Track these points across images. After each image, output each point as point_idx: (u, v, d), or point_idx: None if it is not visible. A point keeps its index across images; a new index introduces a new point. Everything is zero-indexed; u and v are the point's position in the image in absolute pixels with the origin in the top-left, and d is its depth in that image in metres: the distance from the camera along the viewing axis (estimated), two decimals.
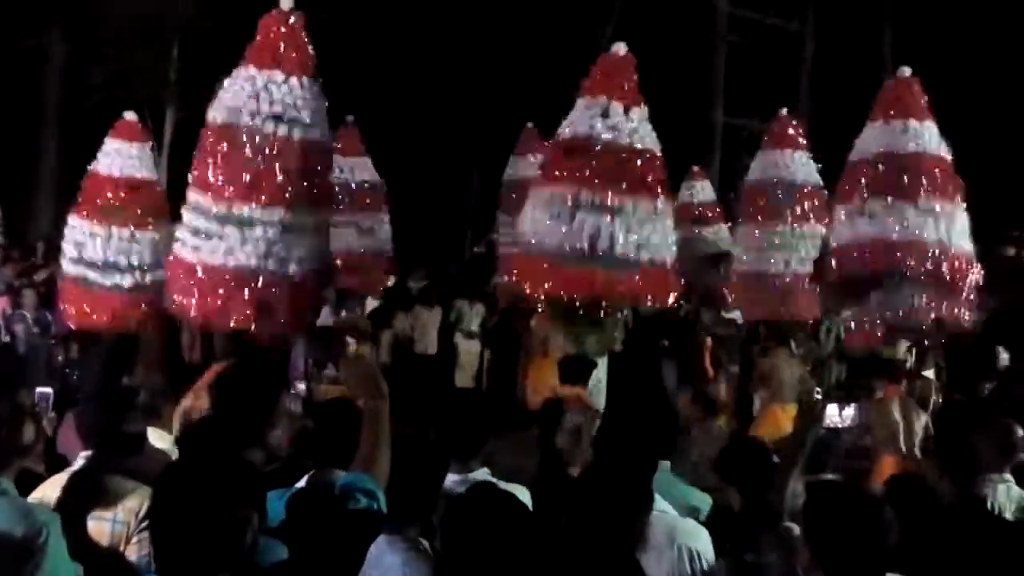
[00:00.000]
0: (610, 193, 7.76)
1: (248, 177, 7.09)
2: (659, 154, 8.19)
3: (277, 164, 7.15)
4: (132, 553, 3.21)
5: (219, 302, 6.93)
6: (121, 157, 8.90)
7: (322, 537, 3.00)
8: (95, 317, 8.21)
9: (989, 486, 4.43)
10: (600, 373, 12.16)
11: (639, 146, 8.03)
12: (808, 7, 23.34)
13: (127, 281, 8.24)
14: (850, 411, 6.78)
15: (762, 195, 10.59)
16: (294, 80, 7.61)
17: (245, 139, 7.24)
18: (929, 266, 8.38)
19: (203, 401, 5.73)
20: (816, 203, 10.80)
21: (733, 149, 23.54)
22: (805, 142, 11.41)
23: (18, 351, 10.34)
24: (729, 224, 12.49)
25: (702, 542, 3.40)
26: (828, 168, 10.78)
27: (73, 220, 8.69)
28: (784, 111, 12.13)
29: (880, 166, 8.82)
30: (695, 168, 13.67)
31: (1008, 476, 4.48)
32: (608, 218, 7.70)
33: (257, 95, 7.51)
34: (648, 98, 8.41)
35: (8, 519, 2.84)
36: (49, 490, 3.41)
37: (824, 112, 11.40)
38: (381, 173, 12.34)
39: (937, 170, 8.89)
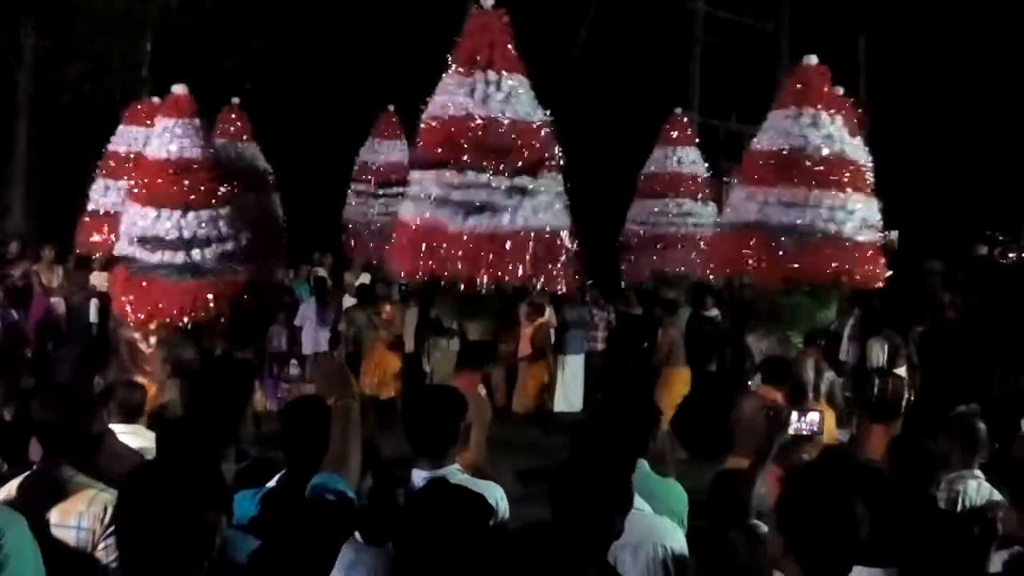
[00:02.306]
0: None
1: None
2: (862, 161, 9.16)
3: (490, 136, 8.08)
4: (100, 559, 3.15)
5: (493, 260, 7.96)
6: (174, 137, 8.52)
7: (293, 534, 2.97)
8: (163, 307, 8.09)
9: (960, 483, 4.48)
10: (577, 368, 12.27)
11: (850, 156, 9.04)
12: (783, 8, 23.48)
13: (203, 257, 8.21)
14: (812, 416, 6.80)
15: None
16: (506, 77, 8.33)
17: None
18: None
19: (168, 393, 5.69)
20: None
21: (710, 149, 23.67)
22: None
23: None
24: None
25: (677, 541, 3.41)
26: None
27: (133, 208, 8.43)
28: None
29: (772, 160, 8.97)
30: None
31: (978, 472, 4.53)
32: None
33: (472, 94, 8.20)
34: (623, 98, 8.55)
35: None
36: (10, 490, 3.33)
37: None
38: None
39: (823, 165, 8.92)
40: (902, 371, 9.82)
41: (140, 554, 2.16)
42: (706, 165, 14.55)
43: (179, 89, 8.76)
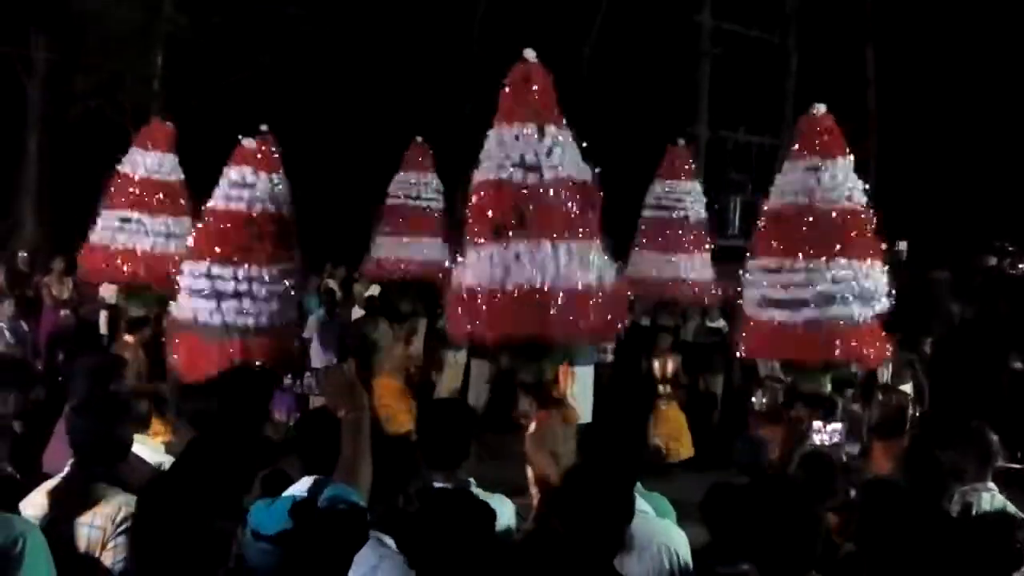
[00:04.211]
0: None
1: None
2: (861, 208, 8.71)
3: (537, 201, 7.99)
4: (107, 558, 3.22)
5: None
6: (244, 188, 8.39)
7: (314, 543, 2.99)
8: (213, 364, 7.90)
9: (973, 496, 4.47)
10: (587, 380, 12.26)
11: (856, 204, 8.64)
12: (791, 20, 23.52)
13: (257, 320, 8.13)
14: (836, 426, 6.79)
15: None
16: (550, 129, 8.23)
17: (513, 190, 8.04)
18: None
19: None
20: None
21: (718, 162, 23.70)
22: None
23: None
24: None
25: (680, 542, 3.46)
26: None
27: (192, 266, 8.25)
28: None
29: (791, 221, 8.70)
30: None
31: (991, 485, 4.52)
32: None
33: (515, 150, 8.10)
34: (632, 112, 8.53)
35: None
36: (39, 497, 3.41)
37: None
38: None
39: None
40: (907, 387, 9.80)
41: (156, 562, 2.17)
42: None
43: (248, 143, 8.65)
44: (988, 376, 10.00)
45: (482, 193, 8.25)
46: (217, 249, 8.15)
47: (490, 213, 8.09)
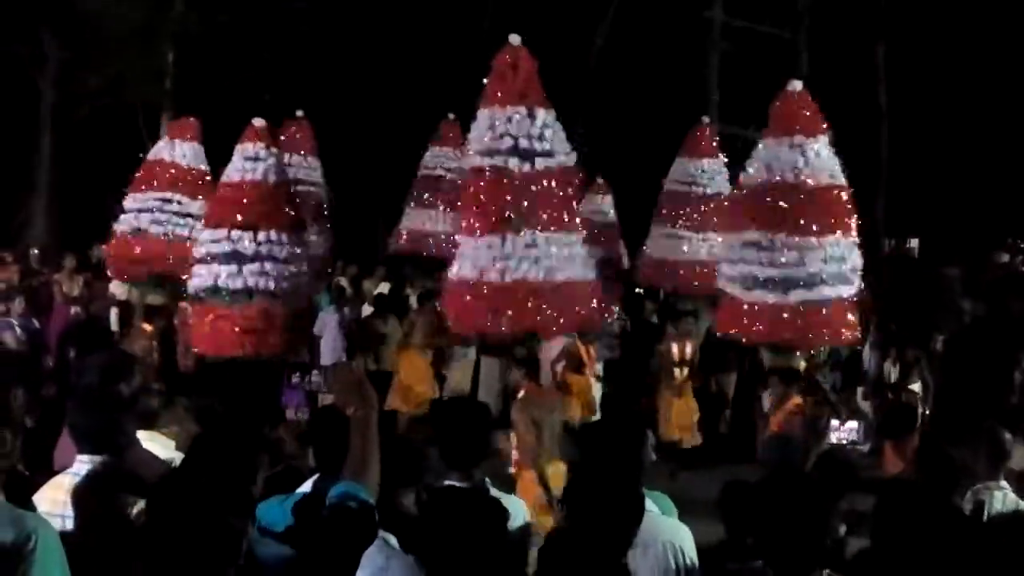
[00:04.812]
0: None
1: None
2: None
3: (530, 193, 8.27)
4: None
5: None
6: (257, 162, 8.84)
7: (322, 541, 2.99)
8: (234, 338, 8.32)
9: (985, 494, 4.45)
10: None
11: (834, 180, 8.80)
12: (802, 16, 23.41)
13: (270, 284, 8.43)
14: (852, 425, 6.77)
15: None
16: (540, 112, 8.56)
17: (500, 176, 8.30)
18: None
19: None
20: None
21: (729, 157, 23.60)
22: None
23: (9, 356, 10.29)
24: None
25: (685, 539, 3.46)
26: None
27: (212, 234, 8.68)
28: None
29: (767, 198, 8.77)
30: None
31: (1004, 484, 4.50)
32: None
33: (508, 133, 8.39)
34: (642, 106, 8.65)
35: None
36: (50, 492, 3.43)
37: None
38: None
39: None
40: (916, 386, 9.77)
41: (168, 560, 2.18)
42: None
43: (258, 122, 9.08)
44: (999, 374, 9.93)
45: (480, 183, 8.49)
46: (238, 217, 8.56)
47: (488, 204, 8.35)
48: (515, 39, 8.85)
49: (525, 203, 8.27)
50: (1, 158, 19.05)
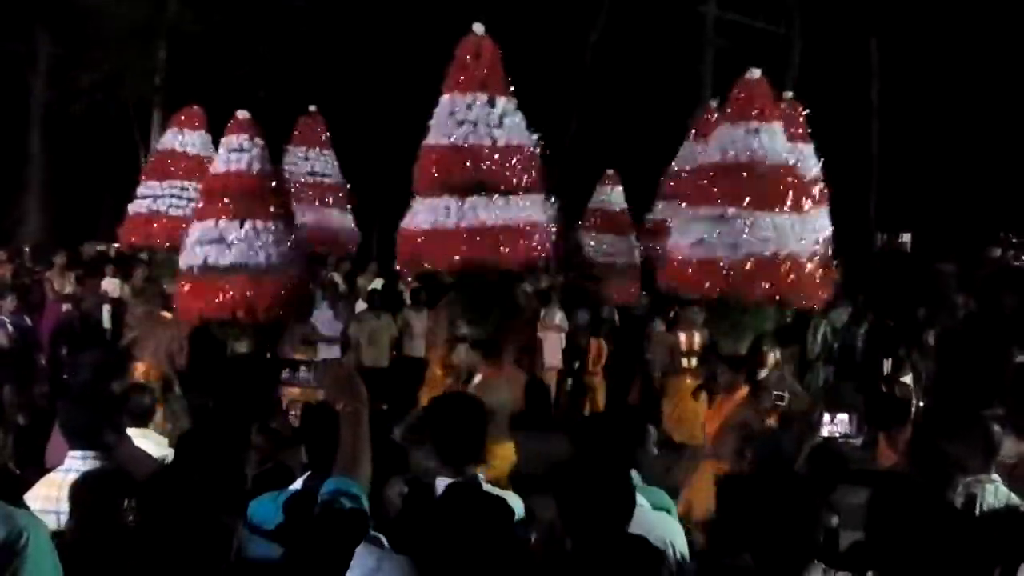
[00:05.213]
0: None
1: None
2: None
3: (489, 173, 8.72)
4: None
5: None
6: (242, 153, 9.02)
7: (314, 537, 2.98)
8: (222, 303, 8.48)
9: (977, 487, 4.44)
10: None
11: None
12: (795, 11, 23.43)
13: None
14: (842, 417, 6.78)
15: None
16: (499, 100, 8.89)
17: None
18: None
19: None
20: None
21: None
22: None
23: (1, 353, 10.26)
24: None
25: (676, 535, 3.46)
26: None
27: (201, 224, 8.87)
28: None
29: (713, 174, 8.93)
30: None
31: (995, 477, 4.49)
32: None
33: (467, 119, 8.78)
34: (635, 101, 8.74)
35: None
36: (43, 489, 3.42)
37: (811, 115, 11.44)
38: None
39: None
40: (907, 378, 9.81)
41: (159, 557, 2.17)
42: None
43: (242, 114, 9.28)
44: (992, 369, 9.97)
45: (433, 156, 8.93)
46: (224, 207, 8.74)
47: (438, 172, 8.83)
48: (479, 28, 9.11)
49: (484, 168, 8.72)
50: None
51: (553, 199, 9.61)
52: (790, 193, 8.76)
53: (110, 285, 12.66)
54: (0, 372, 9.54)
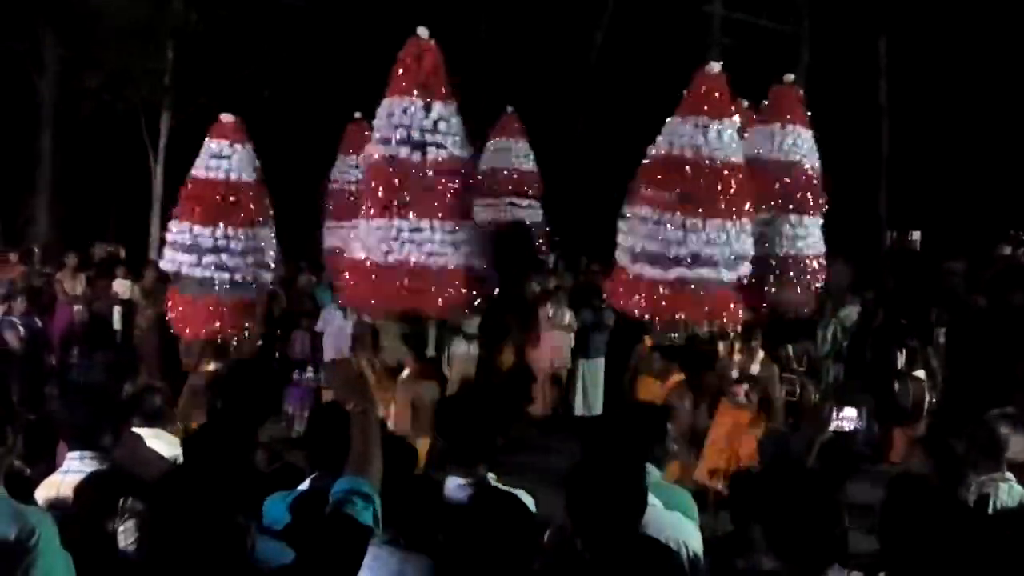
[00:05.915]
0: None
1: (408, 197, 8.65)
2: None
3: (425, 184, 8.61)
4: (119, 543, 3.22)
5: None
6: (222, 159, 9.17)
7: (324, 540, 2.97)
8: (209, 321, 8.76)
9: (991, 486, 4.43)
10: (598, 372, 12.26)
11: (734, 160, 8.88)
12: (803, 10, 23.37)
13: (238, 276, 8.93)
14: (850, 413, 6.79)
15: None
16: (436, 105, 8.82)
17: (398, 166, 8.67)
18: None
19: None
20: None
21: None
22: None
23: (12, 354, 10.30)
24: None
25: (690, 535, 3.44)
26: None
27: (178, 226, 9.06)
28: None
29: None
30: None
31: (1009, 475, 4.48)
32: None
33: (401, 124, 8.73)
34: (643, 101, 8.66)
35: (1, 521, 2.83)
36: (43, 492, 3.42)
37: (819, 115, 11.41)
38: None
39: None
40: (920, 374, 9.76)
41: (171, 557, 2.17)
42: None
43: (227, 118, 9.37)
44: (1003, 366, 9.93)
45: (375, 170, 8.92)
46: (197, 211, 8.97)
47: (380, 191, 8.75)
48: (423, 31, 9.13)
49: (412, 192, 8.66)
50: (2, 156, 19.04)
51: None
52: (732, 198, 8.65)
53: (121, 287, 12.70)
54: (10, 373, 9.58)
